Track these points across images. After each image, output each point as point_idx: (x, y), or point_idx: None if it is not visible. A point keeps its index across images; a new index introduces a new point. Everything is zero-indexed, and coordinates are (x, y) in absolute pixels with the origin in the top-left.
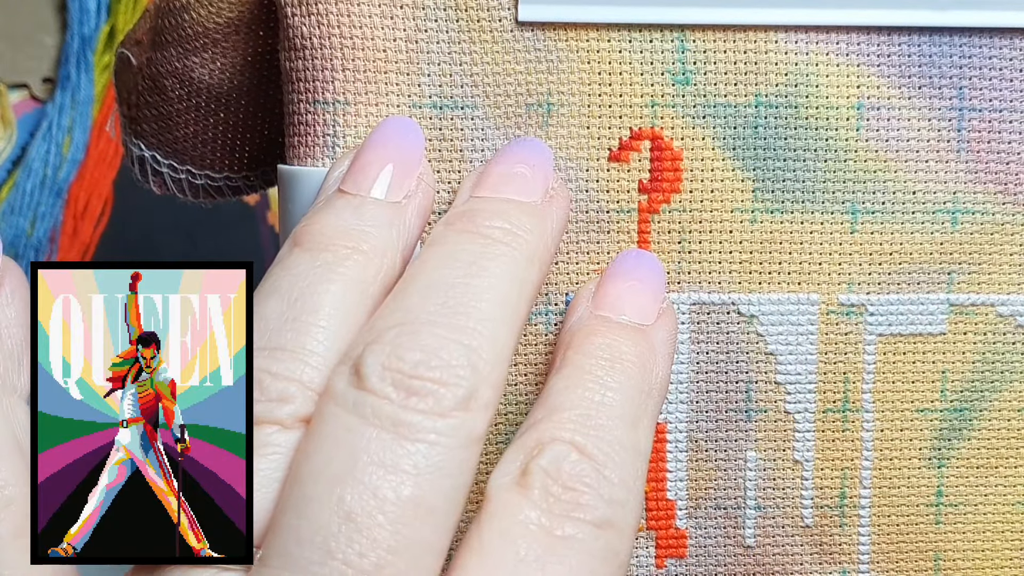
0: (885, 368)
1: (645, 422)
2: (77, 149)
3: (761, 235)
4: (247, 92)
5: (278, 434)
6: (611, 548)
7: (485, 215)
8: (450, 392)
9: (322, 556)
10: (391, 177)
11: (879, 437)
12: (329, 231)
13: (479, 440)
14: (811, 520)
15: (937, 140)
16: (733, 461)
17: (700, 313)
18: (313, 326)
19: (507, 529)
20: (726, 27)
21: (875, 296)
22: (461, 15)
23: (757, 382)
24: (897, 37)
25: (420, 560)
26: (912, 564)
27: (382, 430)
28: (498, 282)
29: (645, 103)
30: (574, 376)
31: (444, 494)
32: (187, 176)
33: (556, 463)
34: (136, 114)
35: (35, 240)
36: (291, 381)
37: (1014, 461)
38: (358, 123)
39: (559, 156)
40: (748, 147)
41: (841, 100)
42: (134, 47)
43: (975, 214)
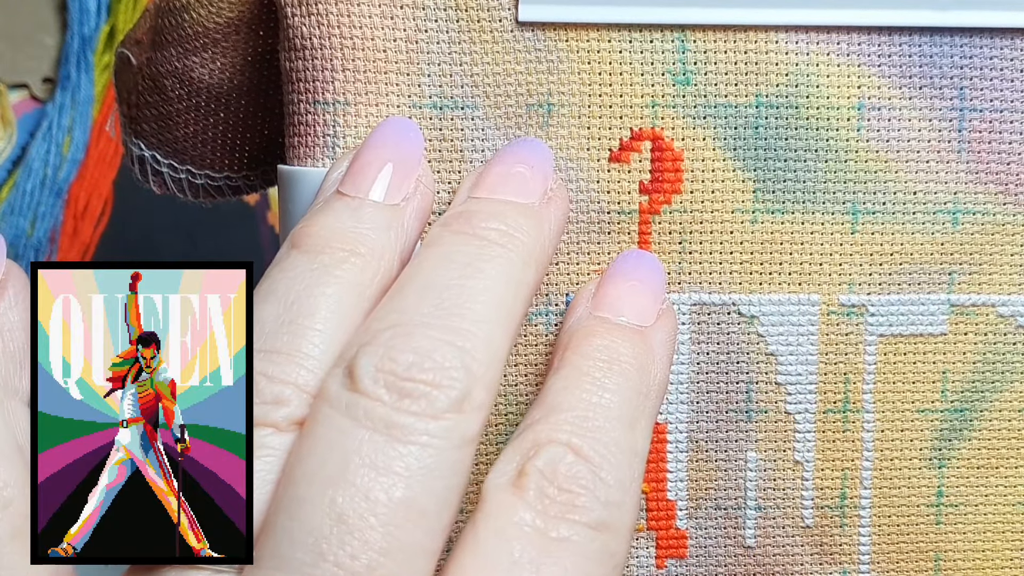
0: (886, 368)
1: (642, 423)
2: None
3: (762, 236)
4: (247, 92)
5: (272, 436)
6: (607, 550)
7: (482, 216)
8: (443, 394)
9: (314, 558)
10: (390, 179)
11: (879, 437)
12: (327, 233)
13: (472, 441)
14: (811, 520)
15: (938, 140)
16: (733, 461)
17: (701, 314)
18: (309, 329)
19: (502, 530)
20: (727, 27)
21: (876, 296)
22: (461, 15)
23: (758, 382)
24: (898, 37)
25: (412, 562)
26: (912, 564)
27: (375, 432)
28: (493, 284)
29: (646, 103)
30: (572, 377)
31: (436, 496)
32: (187, 176)
33: (552, 464)
34: (136, 114)
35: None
36: (286, 384)
37: (1015, 461)
38: (358, 123)
39: (559, 157)
40: (749, 147)
41: (842, 100)
42: (134, 47)
43: (976, 214)
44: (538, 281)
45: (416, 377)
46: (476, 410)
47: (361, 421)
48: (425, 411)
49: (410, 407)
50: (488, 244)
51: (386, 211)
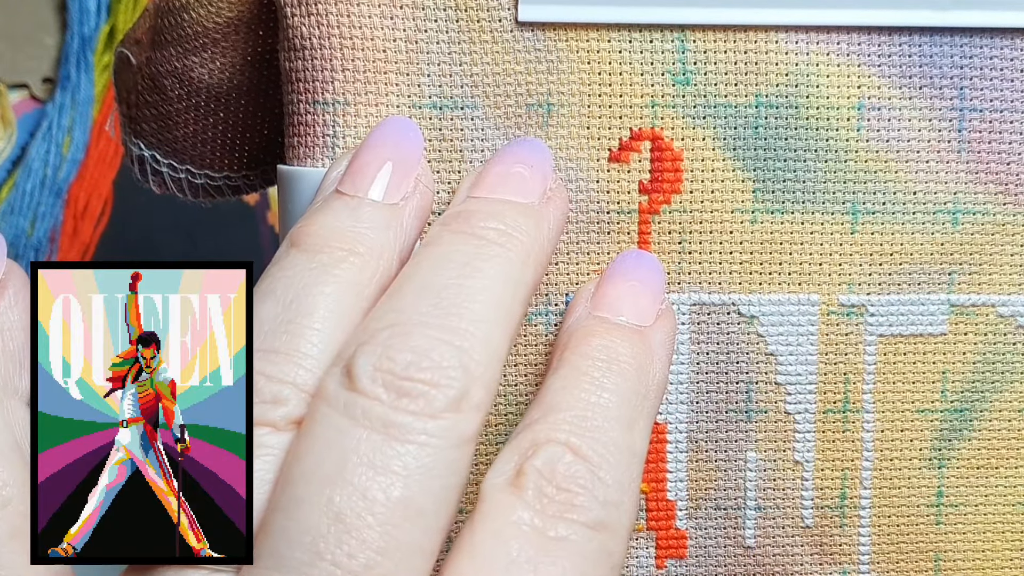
0: (885, 369)
1: (641, 424)
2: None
3: (761, 235)
4: (247, 92)
5: (270, 436)
6: (605, 549)
7: (480, 216)
8: (441, 393)
9: (311, 557)
10: (389, 178)
11: (879, 438)
12: (325, 232)
13: (470, 441)
14: (811, 521)
15: (938, 140)
16: (733, 462)
17: (700, 314)
18: (307, 328)
19: (500, 529)
20: (726, 27)
21: (875, 296)
22: (461, 15)
23: (757, 383)
24: (898, 37)
25: (409, 561)
26: (912, 565)
27: (372, 431)
28: (492, 283)
29: (645, 103)
30: (570, 377)
31: (434, 495)
32: (186, 176)
33: (550, 464)
34: (136, 113)
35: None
36: (285, 383)
37: (1014, 462)
38: (358, 123)
39: (559, 157)
40: (748, 147)
41: (842, 100)
42: (134, 46)
43: (976, 214)
44: (537, 281)
45: (414, 376)
46: (474, 409)
47: (359, 420)
48: (423, 410)
49: (408, 406)
50: (487, 244)
51: (385, 210)
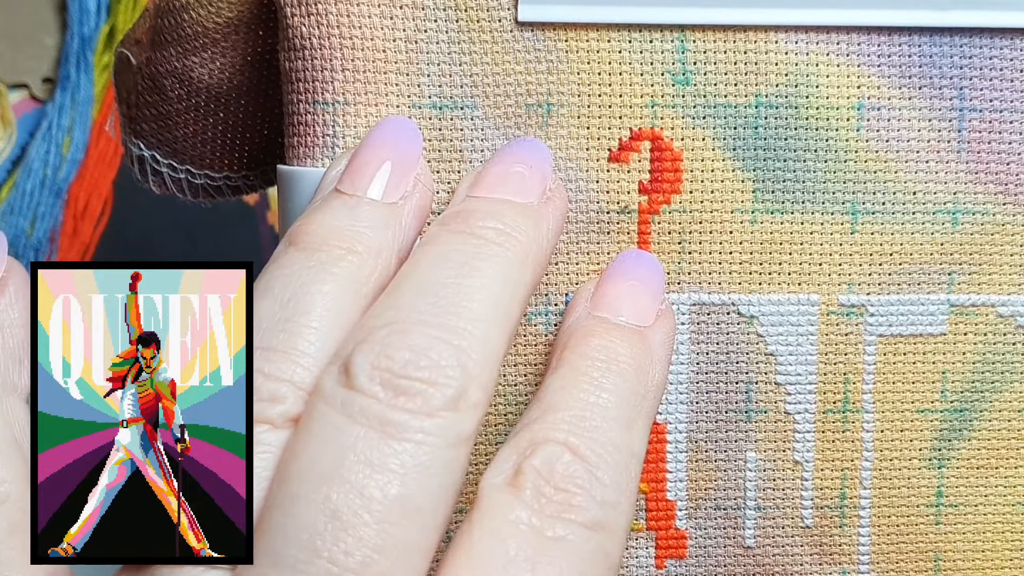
0: (885, 369)
1: (640, 424)
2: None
3: (761, 236)
4: (247, 92)
5: (268, 433)
6: (602, 549)
7: (479, 215)
8: (438, 392)
9: (308, 554)
10: (388, 177)
11: (879, 438)
12: (324, 231)
13: (468, 440)
14: (811, 521)
15: (937, 140)
16: (733, 462)
17: (700, 314)
18: (305, 327)
19: (498, 529)
20: (726, 27)
21: (875, 297)
22: (461, 15)
23: (757, 383)
24: (898, 37)
25: (406, 559)
26: (912, 565)
27: (369, 429)
28: (490, 283)
29: (645, 103)
30: (569, 377)
31: (431, 493)
32: (186, 176)
33: (549, 464)
34: (135, 114)
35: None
36: (282, 381)
37: (1014, 462)
38: (358, 123)
39: (559, 157)
40: (748, 147)
41: (841, 100)
42: (134, 47)
43: (975, 215)
44: (536, 281)
45: (412, 375)
46: (472, 408)
47: (356, 418)
48: (420, 409)
49: (405, 404)
50: (485, 243)
51: (384, 209)
